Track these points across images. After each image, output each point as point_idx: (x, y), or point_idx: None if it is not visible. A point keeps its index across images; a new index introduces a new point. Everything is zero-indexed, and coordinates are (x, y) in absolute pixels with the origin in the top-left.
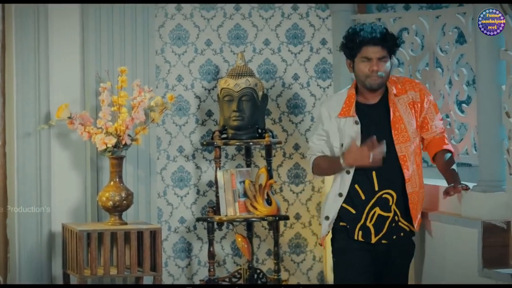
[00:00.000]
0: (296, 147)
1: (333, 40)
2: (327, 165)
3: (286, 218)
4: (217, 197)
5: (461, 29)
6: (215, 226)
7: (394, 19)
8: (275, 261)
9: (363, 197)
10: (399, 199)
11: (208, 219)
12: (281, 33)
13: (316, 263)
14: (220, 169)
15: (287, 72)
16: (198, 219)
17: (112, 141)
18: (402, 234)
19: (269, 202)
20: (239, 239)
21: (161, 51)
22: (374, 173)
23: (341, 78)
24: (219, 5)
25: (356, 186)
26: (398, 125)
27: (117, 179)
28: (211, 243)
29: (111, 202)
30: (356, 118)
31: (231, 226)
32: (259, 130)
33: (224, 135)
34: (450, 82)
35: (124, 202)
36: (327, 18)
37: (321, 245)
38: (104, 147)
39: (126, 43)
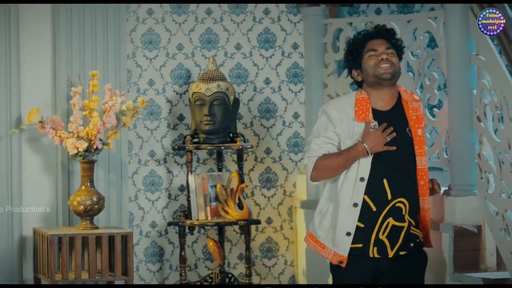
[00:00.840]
0: (268, 151)
1: (304, 44)
2: (335, 160)
3: (257, 222)
4: (189, 201)
5: (432, 33)
6: (187, 230)
7: (365, 23)
8: (246, 265)
9: (374, 208)
10: (412, 208)
11: (180, 223)
12: (253, 37)
13: (288, 267)
14: (191, 173)
15: (258, 76)
16: (169, 224)
17: (83, 145)
18: (418, 240)
19: (240, 206)
20: (211, 244)
21: (132, 55)
22: (385, 181)
23: (312, 83)
24: (190, 9)
25: (366, 197)
26: (420, 137)
27: (89, 184)
28: (182, 248)
29: (82, 207)
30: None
31: (202, 231)
32: (231, 134)
33: (196, 139)
34: (421, 87)
35: (96, 206)
36: (298, 23)
37: (341, 265)
38: (76, 151)
39: (98, 47)
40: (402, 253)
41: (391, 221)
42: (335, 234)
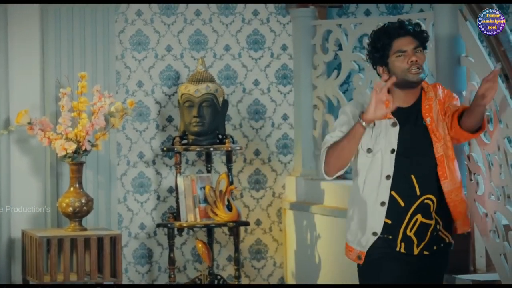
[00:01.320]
0: (257, 152)
1: (293, 46)
2: (338, 144)
3: (246, 224)
4: (178, 203)
5: None
6: (176, 232)
7: (354, 24)
8: (235, 267)
9: (402, 204)
10: (439, 206)
11: (169, 225)
12: (242, 39)
13: (277, 269)
14: (180, 175)
15: (247, 78)
16: (158, 225)
17: (72, 146)
18: (442, 245)
19: (229, 208)
20: (200, 245)
21: (121, 56)
22: (413, 176)
23: (301, 84)
24: (179, 10)
25: (393, 192)
26: (431, 125)
27: (77, 185)
28: (171, 249)
29: (71, 208)
30: (394, 120)
31: (191, 232)
32: (220, 136)
33: (185, 141)
34: None
35: (84, 208)
36: (287, 24)
37: (359, 262)
38: (64, 152)
39: (86, 49)
40: (426, 252)
41: (419, 217)
42: (363, 236)
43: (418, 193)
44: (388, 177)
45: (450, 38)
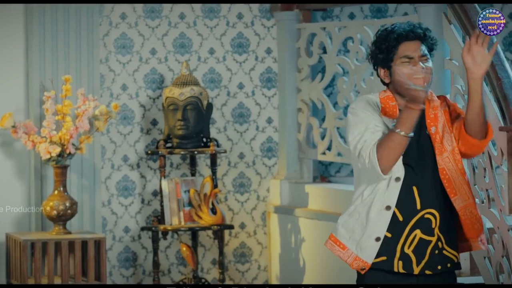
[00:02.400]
0: (241, 156)
1: (278, 49)
2: (389, 136)
3: (231, 227)
4: (162, 206)
5: None
6: (160, 235)
7: (339, 28)
8: (220, 270)
9: (400, 218)
10: (442, 222)
11: (153, 228)
12: (226, 42)
13: (261, 272)
14: (164, 178)
15: (232, 81)
16: (142, 228)
17: (56, 150)
18: (448, 265)
19: (214, 211)
20: (184, 249)
21: (105, 59)
22: (415, 188)
23: (286, 87)
24: (163, 13)
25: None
26: (435, 135)
27: (61, 188)
28: (155, 253)
29: (55, 212)
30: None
31: (176, 236)
32: (204, 139)
33: (169, 144)
34: None
35: (69, 211)
36: (272, 27)
37: (362, 273)
38: (48, 156)
39: (70, 52)
40: (428, 272)
41: (418, 233)
42: (362, 237)
43: (418, 207)
44: (397, 179)
45: None
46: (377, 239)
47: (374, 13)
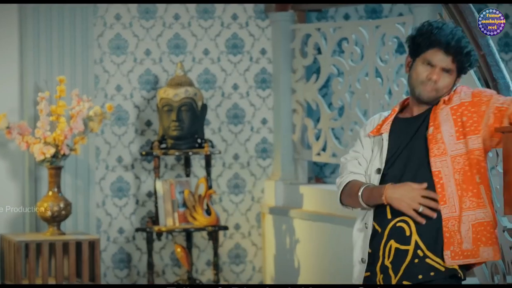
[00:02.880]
0: (236, 157)
1: (272, 50)
2: (352, 195)
3: (225, 228)
4: (156, 207)
5: (401, 39)
6: (154, 236)
7: (334, 28)
8: (214, 272)
9: (379, 230)
10: (421, 227)
11: (147, 229)
12: (221, 43)
13: (256, 273)
14: (159, 179)
15: (226, 82)
16: (137, 230)
17: (50, 151)
18: (432, 273)
19: (208, 212)
20: (178, 250)
21: (100, 60)
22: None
23: (280, 88)
24: (158, 14)
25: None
26: (434, 135)
27: (56, 189)
28: (150, 254)
29: (49, 213)
30: (384, 135)
31: (170, 237)
32: (199, 140)
33: (164, 145)
34: (389, 92)
35: (63, 212)
36: (266, 28)
37: None
38: (43, 157)
39: (65, 53)
40: (406, 282)
41: (393, 243)
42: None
43: (388, 216)
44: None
45: None
46: (362, 260)
47: (369, 14)
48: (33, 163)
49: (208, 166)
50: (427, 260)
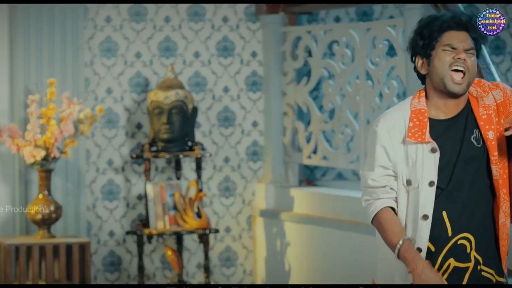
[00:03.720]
0: (227, 159)
1: (263, 52)
2: (385, 238)
3: (216, 231)
4: (147, 210)
5: (392, 41)
6: (145, 239)
7: (324, 31)
8: (205, 275)
9: (432, 249)
10: (482, 242)
11: (138, 232)
12: (211, 45)
13: (247, 276)
14: (149, 182)
15: (217, 85)
16: (127, 232)
17: (41, 153)
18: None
19: (199, 215)
20: (169, 253)
21: (90, 63)
22: (444, 213)
23: (271, 91)
24: (148, 16)
25: None
26: (493, 141)
27: (46, 192)
28: (140, 257)
29: (40, 215)
30: (434, 145)
31: (161, 240)
32: (189, 143)
33: (154, 148)
34: (380, 95)
35: (53, 215)
36: (257, 30)
37: None
38: (33, 160)
39: (55, 55)
40: None
41: (452, 262)
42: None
43: (449, 234)
44: (425, 216)
45: None
46: (418, 249)
47: (360, 16)
48: (24, 166)
49: (198, 169)
50: (483, 273)
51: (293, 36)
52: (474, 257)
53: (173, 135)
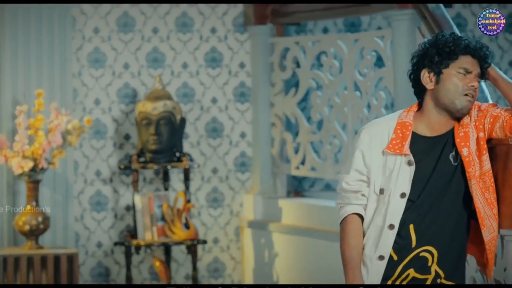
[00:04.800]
0: (215, 170)
1: (251, 63)
2: (342, 241)
3: (204, 242)
4: (135, 221)
5: (380, 52)
6: (133, 250)
7: (312, 42)
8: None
9: (395, 258)
10: (444, 256)
11: (126, 243)
12: (200, 56)
13: (235, 287)
14: (137, 192)
15: (205, 96)
16: (115, 243)
17: (29, 164)
18: None
19: (187, 226)
20: (157, 264)
21: (78, 74)
22: (412, 226)
23: (259, 102)
24: (136, 27)
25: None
26: (468, 157)
27: (34, 203)
28: (128, 268)
29: (27, 226)
30: (411, 158)
31: (149, 251)
32: (177, 154)
33: (142, 159)
34: (368, 106)
35: (41, 226)
36: (245, 41)
37: None
38: (21, 170)
39: (43, 66)
40: None
41: (412, 272)
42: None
43: (413, 245)
44: (391, 226)
45: (408, 56)
46: (380, 257)
47: (348, 27)
48: (11, 177)
49: (186, 179)
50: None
51: (281, 47)
52: (435, 270)
53: (161, 146)
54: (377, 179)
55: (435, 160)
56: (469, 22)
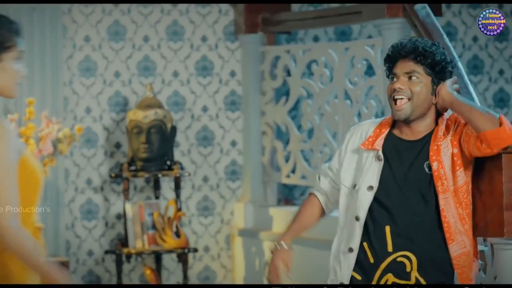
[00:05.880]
0: (205, 179)
1: (242, 72)
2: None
3: (195, 250)
4: (126, 229)
5: (370, 61)
6: (124, 258)
7: (303, 51)
8: None
9: (371, 260)
10: (425, 263)
11: (117, 251)
12: (190, 65)
13: None
14: (128, 201)
15: (196, 104)
16: (106, 252)
17: None
18: None
19: (178, 234)
20: (148, 272)
21: (69, 82)
22: (388, 228)
23: (250, 110)
24: (127, 36)
25: (365, 244)
26: (438, 171)
27: None
28: (119, 276)
29: None
30: (380, 153)
31: (139, 259)
32: (168, 162)
33: (133, 167)
34: (359, 114)
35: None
36: (236, 50)
37: None
38: None
39: (34, 74)
40: None
41: (390, 277)
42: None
43: (389, 249)
44: (357, 218)
45: None
46: (341, 285)
47: (338, 36)
48: None
49: (177, 188)
50: None
51: (272, 56)
52: (416, 277)
53: (152, 155)
54: (350, 174)
55: (408, 164)
56: (459, 31)
